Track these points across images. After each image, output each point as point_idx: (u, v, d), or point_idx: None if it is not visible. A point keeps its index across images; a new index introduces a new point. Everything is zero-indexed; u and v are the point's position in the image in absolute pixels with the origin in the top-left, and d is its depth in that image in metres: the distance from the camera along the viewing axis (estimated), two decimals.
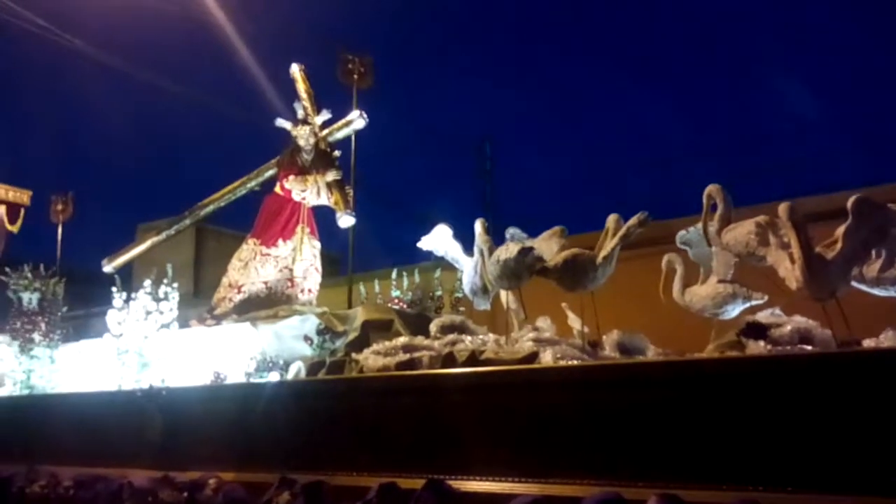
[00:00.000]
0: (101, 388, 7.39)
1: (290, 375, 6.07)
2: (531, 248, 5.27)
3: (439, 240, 6.98)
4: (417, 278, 7.70)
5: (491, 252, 5.68)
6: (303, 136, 7.90)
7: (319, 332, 6.33)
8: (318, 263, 7.91)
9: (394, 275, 7.65)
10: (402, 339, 5.85)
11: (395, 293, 7.55)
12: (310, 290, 7.74)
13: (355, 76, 8.67)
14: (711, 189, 5.19)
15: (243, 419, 5.89)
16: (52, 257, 10.58)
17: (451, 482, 4.61)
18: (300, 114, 8.05)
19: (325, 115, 8.03)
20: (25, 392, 8.15)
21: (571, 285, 5.40)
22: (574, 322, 6.24)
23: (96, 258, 9.47)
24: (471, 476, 4.69)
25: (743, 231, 4.97)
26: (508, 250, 5.31)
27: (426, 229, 6.57)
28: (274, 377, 6.06)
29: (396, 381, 5.20)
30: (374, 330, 6.37)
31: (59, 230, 11.15)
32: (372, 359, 5.61)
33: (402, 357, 5.47)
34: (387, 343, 5.81)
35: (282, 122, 8.01)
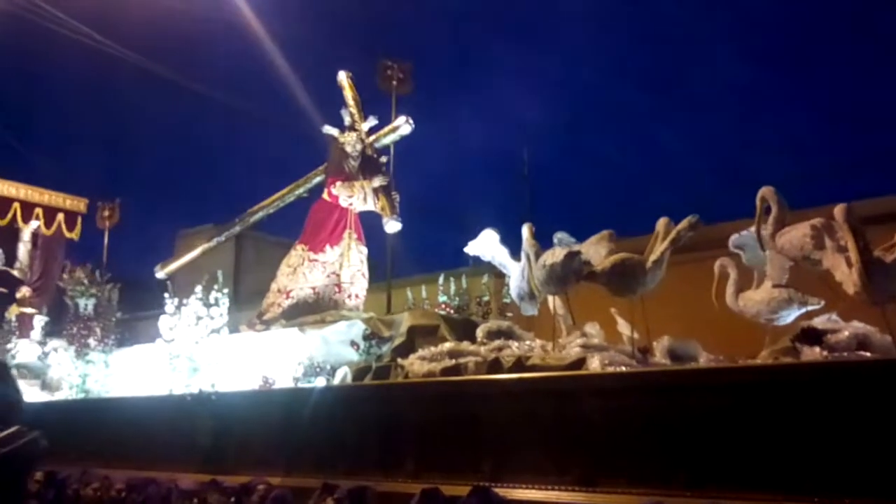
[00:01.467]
0: (153, 392, 7.50)
1: (336, 380, 6.08)
2: (578, 253, 5.18)
3: (486, 244, 6.93)
4: (465, 283, 7.66)
5: (538, 256, 5.61)
6: (350, 143, 7.93)
7: (366, 338, 6.32)
8: (364, 269, 7.92)
9: (441, 280, 7.61)
10: (448, 345, 5.81)
11: (443, 298, 7.51)
12: (357, 296, 7.75)
13: (394, 82, 8.69)
14: (765, 191, 5.06)
15: (291, 424, 5.90)
16: (98, 263, 10.75)
17: (496, 489, 4.55)
18: (347, 120, 8.10)
19: (372, 122, 8.06)
20: (81, 396, 8.31)
21: (620, 290, 5.30)
22: (624, 328, 6.13)
23: (140, 263, 9.68)
24: (516, 484, 4.62)
25: (798, 234, 4.83)
26: (555, 255, 5.23)
27: (464, 235, 6.53)
28: (321, 382, 6.06)
29: (441, 387, 5.16)
30: (420, 335, 6.34)
31: (106, 236, 11.36)
32: (417, 364, 5.59)
33: (448, 362, 5.43)
34: (433, 348, 5.78)
35: (329, 129, 8.06)
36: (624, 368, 4.74)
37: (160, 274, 9.03)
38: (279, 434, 5.98)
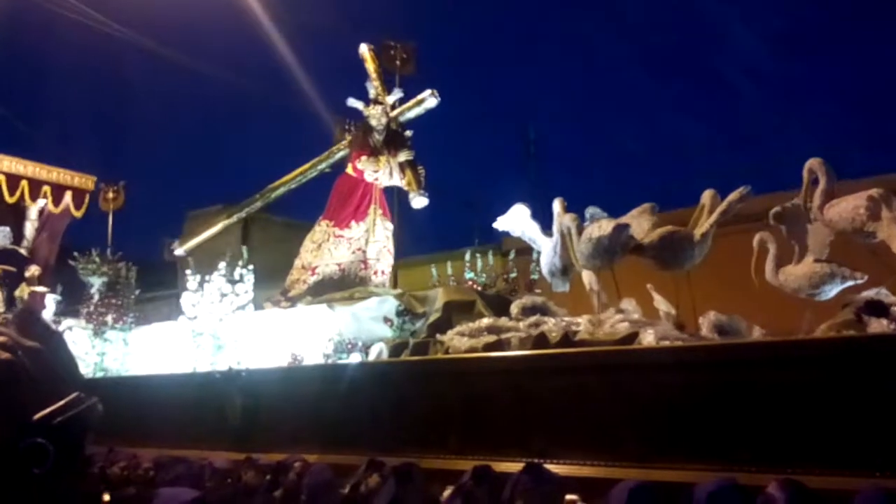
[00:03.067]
0: (175, 370, 7.39)
1: (370, 357, 5.98)
2: (627, 225, 5.08)
3: (516, 219, 6.81)
4: (491, 260, 7.55)
5: (579, 230, 5.51)
6: (375, 116, 7.77)
7: (399, 314, 6.22)
8: (390, 245, 7.79)
9: (467, 256, 7.50)
10: (487, 321, 5.72)
11: (469, 275, 7.40)
12: (383, 272, 7.63)
13: (397, 62, 8.69)
14: (813, 163, 4.98)
15: (326, 401, 5.80)
16: (102, 245, 10.60)
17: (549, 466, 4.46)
18: (372, 93, 7.92)
19: (397, 94, 7.89)
20: (99, 375, 8.19)
21: (667, 264, 5.22)
22: (660, 304, 6.04)
23: (146, 245, 9.57)
24: (566, 460, 4.54)
25: (849, 206, 4.75)
26: (601, 228, 5.13)
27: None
28: (355, 358, 5.96)
29: (488, 362, 5.05)
30: (456, 311, 6.22)
31: (111, 218, 11.22)
32: (457, 340, 5.48)
33: (489, 338, 5.33)
34: (471, 324, 5.67)
35: (353, 102, 7.90)
36: (681, 343, 4.66)
37: (179, 251, 8.86)
38: (313, 411, 5.88)
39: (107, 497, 6.40)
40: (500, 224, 6.96)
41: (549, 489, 4.36)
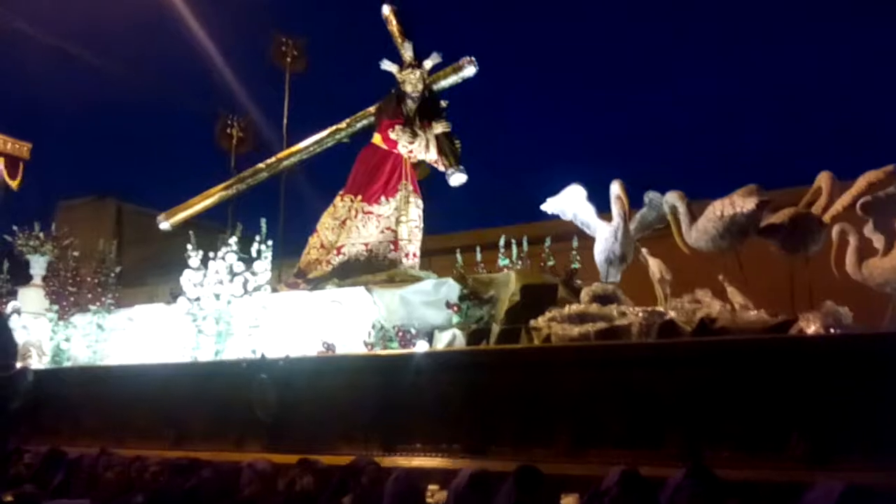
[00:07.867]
0: (165, 359, 6.41)
1: (440, 345, 5.27)
2: (768, 201, 4.60)
3: (569, 201, 6.29)
4: (526, 247, 6.92)
5: (689, 210, 5.01)
6: (411, 82, 6.94)
7: (462, 298, 5.52)
8: (422, 224, 7.00)
9: (501, 242, 6.84)
10: (576, 307, 5.13)
11: (504, 262, 6.74)
12: (414, 255, 6.83)
13: (288, 59, 8.66)
14: None
15: (390, 394, 5.07)
16: None
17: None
18: (407, 57, 7.09)
19: (435, 59, 7.07)
20: (67, 364, 7.06)
21: (794, 247, 4.80)
22: (735, 295, 5.64)
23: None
24: (723, 459, 3.97)
25: None
26: (735, 204, 4.63)
27: None
28: (422, 347, 5.22)
29: (620, 351, 4.46)
30: (536, 296, 5.54)
31: None
32: (556, 327, 4.86)
33: (601, 325, 4.74)
34: (560, 310, 5.07)
35: (388, 65, 7.06)
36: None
37: (164, 225, 7.77)
38: (373, 406, 5.11)
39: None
40: (549, 206, 6.39)
41: (715, 495, 3.82)
